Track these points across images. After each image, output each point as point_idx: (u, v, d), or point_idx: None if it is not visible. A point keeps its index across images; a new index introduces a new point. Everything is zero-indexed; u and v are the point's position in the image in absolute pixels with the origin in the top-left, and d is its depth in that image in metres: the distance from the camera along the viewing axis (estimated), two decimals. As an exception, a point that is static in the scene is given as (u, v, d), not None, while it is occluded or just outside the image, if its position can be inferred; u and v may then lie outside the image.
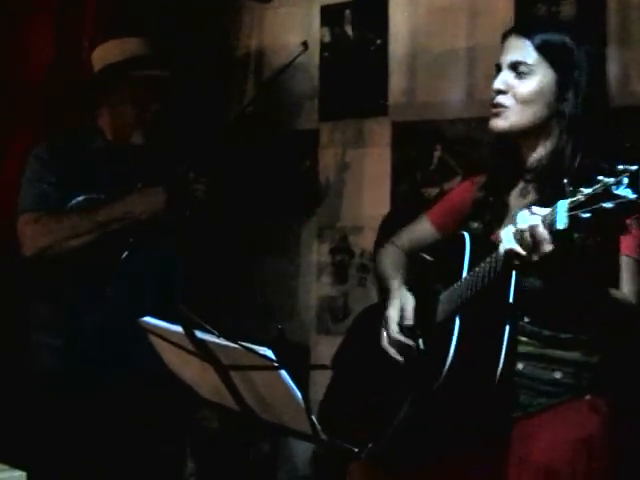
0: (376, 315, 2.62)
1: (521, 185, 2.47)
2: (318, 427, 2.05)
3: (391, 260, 2.72)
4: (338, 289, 3.93)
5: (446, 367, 2.23)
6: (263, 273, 4.09)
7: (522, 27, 2.47)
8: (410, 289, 2.55)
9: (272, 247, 4.07)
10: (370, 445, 2.12)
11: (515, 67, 2.39)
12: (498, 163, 2.53)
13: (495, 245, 2.23)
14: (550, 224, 1.96)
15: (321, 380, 3.38)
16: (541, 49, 2.37)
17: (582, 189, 1.87)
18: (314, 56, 4.03)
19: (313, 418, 2.03)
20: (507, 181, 2.50)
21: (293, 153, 4.04)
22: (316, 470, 3.80)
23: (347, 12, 3.94)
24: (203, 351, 2.13)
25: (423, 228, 2.72)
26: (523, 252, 2.01)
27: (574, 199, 1.89)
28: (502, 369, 2.26)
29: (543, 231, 1.97)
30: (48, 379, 3.21)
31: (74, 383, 3.14)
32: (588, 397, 2.36)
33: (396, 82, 3.79)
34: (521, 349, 2.32)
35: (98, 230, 3.15)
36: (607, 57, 3.20)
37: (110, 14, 3.78)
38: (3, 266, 3.46)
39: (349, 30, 3.95)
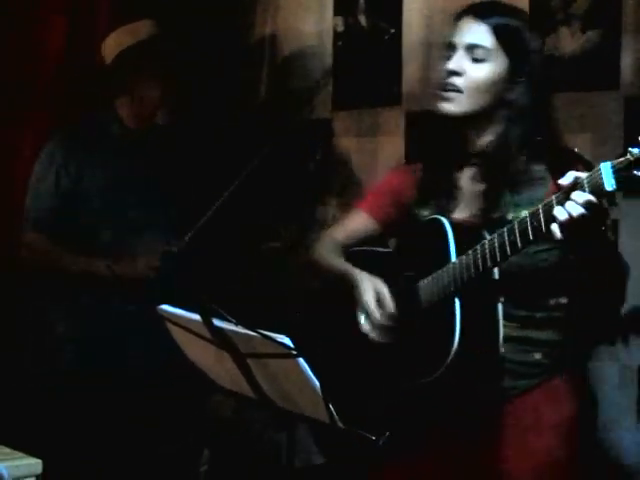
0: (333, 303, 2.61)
1: (471, 170, 2.46)
2: (335, 416, 2.05)
3: (333, 251, 2.68)
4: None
5: (453, 349, 2.22)
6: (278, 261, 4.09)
7: (480, 9, 2.43)
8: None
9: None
10: (388, 433, 2.12)
11: (470, 50, 2.37)
12: (442, 147, 2.51)
13: (478, 230, 2.26)
14: (597, 187, 1.93)
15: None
16: (497, 33, 2.36)
17: (630, 149, 1.86)
18: (328, 45, 4.02)
19: (331, 407, 2.04)
20: (452, 166, 2.49)
21: (307, 142, 4.04)
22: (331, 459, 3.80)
23: (361, 1, 3.93)
24: (221, 339, 2.13)
25: (359, 221, 2.70)
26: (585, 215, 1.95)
27: (620, 160, 1.88)
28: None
29: (596, 200, 1.94)
30: (64, 372, 3.22)
31: (89, 375, 3.15)
32: (564, 376, 2.40)
33: (410, 71, 3.78)
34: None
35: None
36: (622, 46, 3.19)
37: (123, 4, 3.78)
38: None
39: (363, 19, 3.94)
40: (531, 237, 2.09)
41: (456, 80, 2.38)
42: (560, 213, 1.98)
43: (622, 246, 3.05)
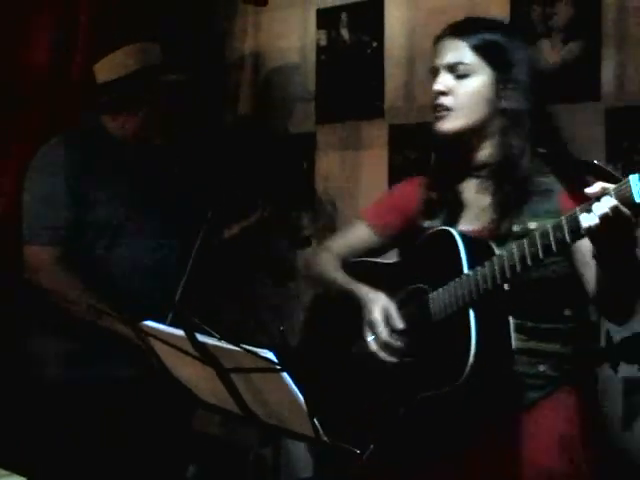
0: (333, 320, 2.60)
1: (476, 182, 2.47)
2: (320, 430, 2.05)
3: (332, 262, 2.69)
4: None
5: (470, 362, 2.21)
6: (262, 276, 4.09)
7: (456, 29, 2.47)
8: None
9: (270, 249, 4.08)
10: (372, 447, 2.12)
11: (453, 68, 2.41)
12: (443, 162, 2.52)
13: (486, 241, 2.27)
14: (626, 199, 1.92)
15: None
16: (477, 49, 2.39)
17: None
18: (310, 59, 4.03)
19: (315, 421, 2.03)
20: (455, 179, 2.50)
21: (290, 156, 4.04)
22: (318, 473, 3.80)
23: (343, 15, 3.95)
24: (204, 354, 2.13)
25: (359, 232, 2.71)
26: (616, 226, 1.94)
27: None
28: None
29: (625, 208, 1.92)
30: (50, 386, 3.21)
31: (75, 390, 3.14)
32: (568, 388, 2.40)
33: (393, 85, 3.79)
34: None
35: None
36: (602, 57, 3.21)
37: (106, 21, 3.78)
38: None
39: (345, 33, 3.95)
40: (554, 249, 2.08)
41: (445, 100, 2.41)
42: (587, 219, 1.97)
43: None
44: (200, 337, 2.10)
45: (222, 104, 4.18)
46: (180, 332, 2.13)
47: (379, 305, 2.45)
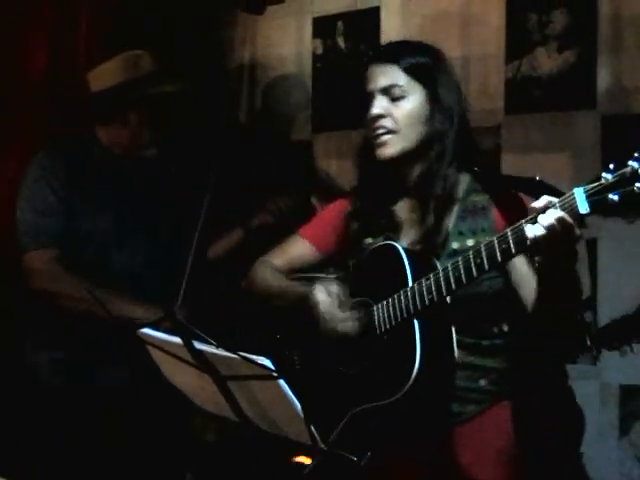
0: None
1: (407, 200, 2.51)
2: (317, 437, 2.05)
3: (276, 275, 2.69)
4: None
5: (414, 372, 2.23)
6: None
7: (385, 54, 2.51)
8: None
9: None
10: (369, 454, 2.11)
11: (388, 91, 2.43)
12: (376, 183, 2.54)
13: (427, 257, 2.31)
14: (571, 210, 1.96)
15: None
16: (408, 70, 2.43)
17: (603, 174, 1.89)
18: (307, 68, 4.04)
19: (312, 428, 2.03)
20: (389, 198, 2.53)
21: (287, 164, 4.04)
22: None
23: (339, 24, 3.96)
24: (201, 362, 2.13)
25: (300, 248, 2.72)
26: (559, 236, 1.98)
27: (594, 185, 1.91)
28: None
29: (570, 219, 1.97)
30: (45, 393, 3.20)
31: (71, 397, 3.14)
32: (506, 402, 2.45)
33: (389, 93, 3.79)
34: None
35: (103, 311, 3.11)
36: (597, 66, 3.22)
37: (105, 29, 3.79)
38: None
39: (341, 41, 3.96)
40: (499, 259, 2.12)
41: (383, 122, 2.44)
42: (533, 230, 2.01)
43: (601, 264, 3.08)
44: (197, 344, 2.11)
45: (221, 113, 4.18)
46: (177, 339, 2.13)
47: (322, 288, 2.46)
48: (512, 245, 2.07)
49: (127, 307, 3.04)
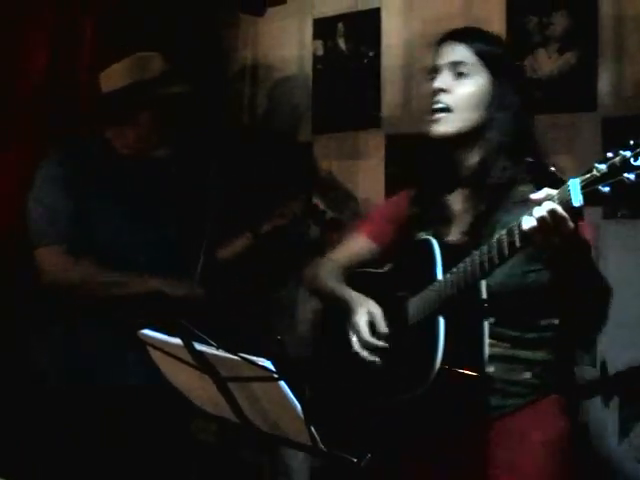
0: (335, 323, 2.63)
1: (461, 190, 2.51)
2: (317, 438, 2.04)
3: (333, 274, 2.73)
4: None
5: (436, 367, 2.24)
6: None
7: (459, 34, 2.52)
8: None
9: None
10: (369, 455, 2.11)
11: (455, 67, 2.44)
12: (434, 171, 2.55)
13: (459, 247, 2.30)
14: (565, 203, 1.95)
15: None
16: (478, 53, 2.44)
17: (596, 165, 1.88)
18: (307, 69, 4.04)
19: (312, 429, 2.03)
20: (445, 188, 2.54)
21: (287, 165, 4.04)
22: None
23: (340, 25, 3.96)
24: (202, 363, 2.13)
25: (359, 244, 2.76)
26: (551, 231, 1.98)
27: (587, 176, 1.90)
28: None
29: (562, 211, 1.96)
30: (45, 393, 3.20)
31: (72, 399, 3.14)
32: (554, 396, 2.42)
33: (390, 94, 3.80)
34: (490, 351, 2.33)
35: (126, 294, 3.15)
36: (599, 68, 3.22)
37: (106, 29, 3.79)
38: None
39: (342, 43, 3.96)
40: (507, 253, 2.12)
41: (443, 97, 2.44)
42: (527, 222, 2.01)
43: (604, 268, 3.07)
44: (197, 345, 2.10)
45: (221, 114, 4.18)
46: (177, 341, 2.13)
47: (365, 309, 2.51)
48: (517, 238, 2.08)
49: (151, 281, 3.14)
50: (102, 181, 3.23)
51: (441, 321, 2.29)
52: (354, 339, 2.52)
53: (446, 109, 2.43)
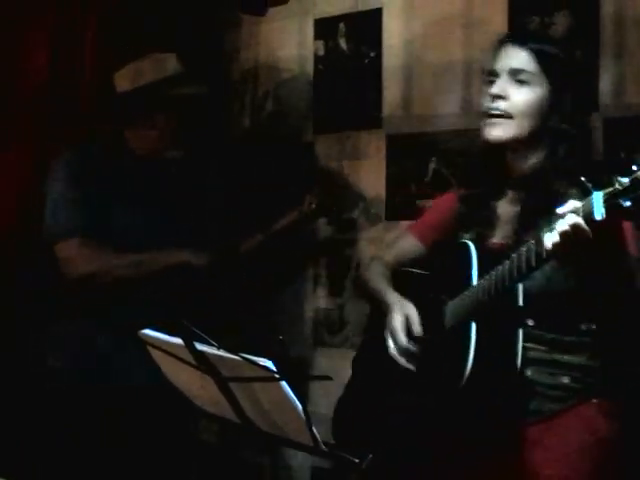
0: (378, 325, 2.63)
1: (509, 194, 2.50)
2: (319, 438, 2.04)
3: (379, 275, 2.75)
4: (334, 301, 3.92)
5: (466, 373, 2.25)
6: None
7: (520, 37, 2.50)
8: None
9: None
10: (370, 456, 2.11)
11: (515, 74, 2.41)
12: (484, 174, 2.55)
13: (498, 252, 2.29)
14: (587, 215, 1.95)
15: (319, 392, 3.39)
16: (540, 59, 2.41)
17: (619, 178, 1.88)
18: (308, 69, 4.03)
19: (314, 429, 2.03)
20: (494, 191, 2.53)
21: (288, 166, 4.04)
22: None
23: (341, 25, 3.95)
24: (203, 363, 2.12)
25: (408, 243, 2.78)
26: (572, 243, 1.99)
27: (610, 189, 1.90)
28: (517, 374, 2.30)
29: (584, 225, 1.97)
30: (46, 394, 3.20)
31: (72, 399, 3.14)
32: (595, 400, 2.38)
33: (391, 94, 3.79)
34: (528, 354, 2.33)
35: (151, 272, 3.17)
36: (600, 68, 3.21)
37: (106, 29, 3.78)
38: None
39: (343, 43, 3.95)
40: (533, 263, 2.13)
41: (501, 104, 2.42)
42: (549, 238, 2.03)
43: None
44: (198, 346, 2.10)
45: (226, 115, 4.18)
46: (179, 340, 2.13)
47: (403, 312, 2.53)
48: (543, 250, 2.08)
49: (176, 253, 3.17)
50: (118, 179, 3.23)
51: (473, 326, 2.29)
52: (389, 340, 2.53)
53: (503, 115, 2.42)
